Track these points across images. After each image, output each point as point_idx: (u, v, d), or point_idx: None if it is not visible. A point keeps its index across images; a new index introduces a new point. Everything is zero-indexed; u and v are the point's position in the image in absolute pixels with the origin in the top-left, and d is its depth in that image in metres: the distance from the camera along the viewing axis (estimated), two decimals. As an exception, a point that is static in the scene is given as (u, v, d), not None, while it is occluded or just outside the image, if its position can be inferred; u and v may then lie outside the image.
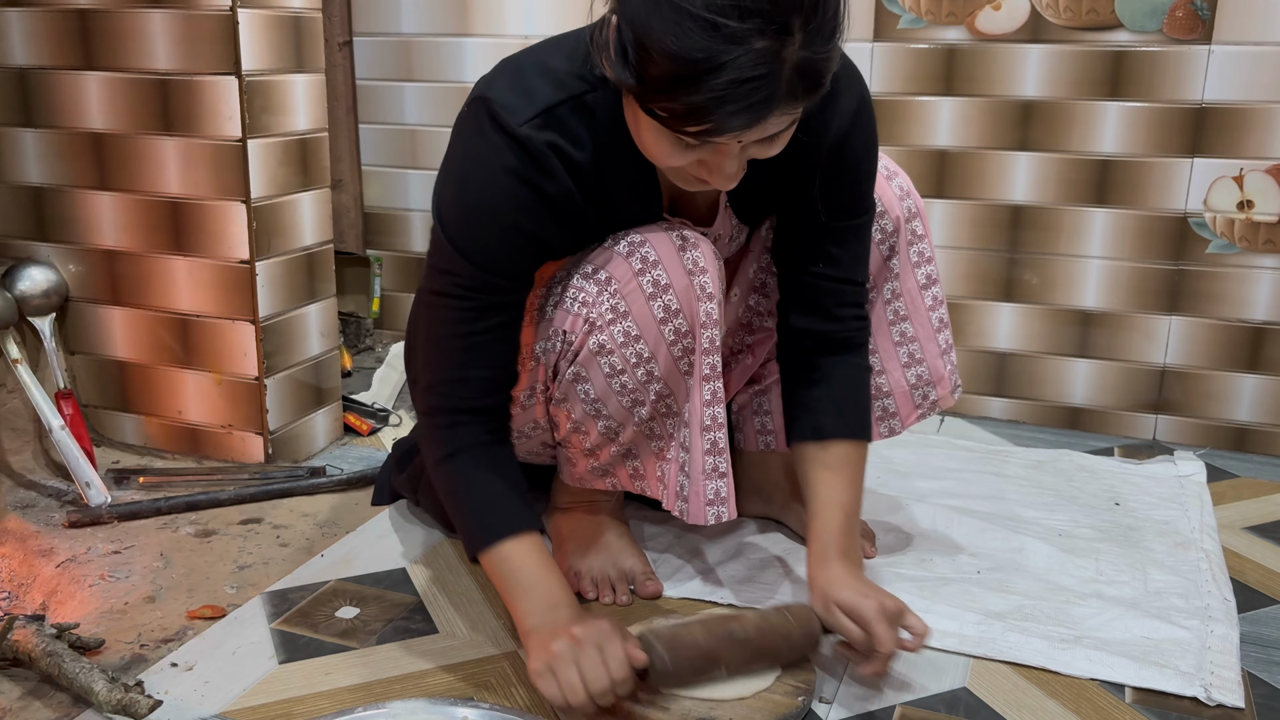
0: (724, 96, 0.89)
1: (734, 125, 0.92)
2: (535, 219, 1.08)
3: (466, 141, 1.09)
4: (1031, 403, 1.94)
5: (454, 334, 1.11)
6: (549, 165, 1.06)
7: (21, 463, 1.63)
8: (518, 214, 1.07)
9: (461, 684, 1.12)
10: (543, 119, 1.05)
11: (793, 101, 0.92)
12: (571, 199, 1.09)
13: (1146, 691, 1.12)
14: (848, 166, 1.16)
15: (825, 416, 1.21)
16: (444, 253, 1.10)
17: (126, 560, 1.38)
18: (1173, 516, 1.53)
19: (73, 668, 1.06)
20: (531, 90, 1.06)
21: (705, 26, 0.87)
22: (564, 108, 1.06)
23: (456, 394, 1.13)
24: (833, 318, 1.22)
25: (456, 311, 1.10)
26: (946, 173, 1.88)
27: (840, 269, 1.21)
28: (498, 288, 1.10)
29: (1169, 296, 1.81)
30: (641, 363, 1.14)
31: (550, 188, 1.07)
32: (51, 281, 1.68)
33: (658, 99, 0.93)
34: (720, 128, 0.92)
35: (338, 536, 1.45)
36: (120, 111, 1.59)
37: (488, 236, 1.08)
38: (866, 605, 1.08)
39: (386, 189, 2.24)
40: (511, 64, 1.10)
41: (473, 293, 1.09)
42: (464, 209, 1.08)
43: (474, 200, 1.07)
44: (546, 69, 1.08)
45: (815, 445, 1.21)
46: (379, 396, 1.95)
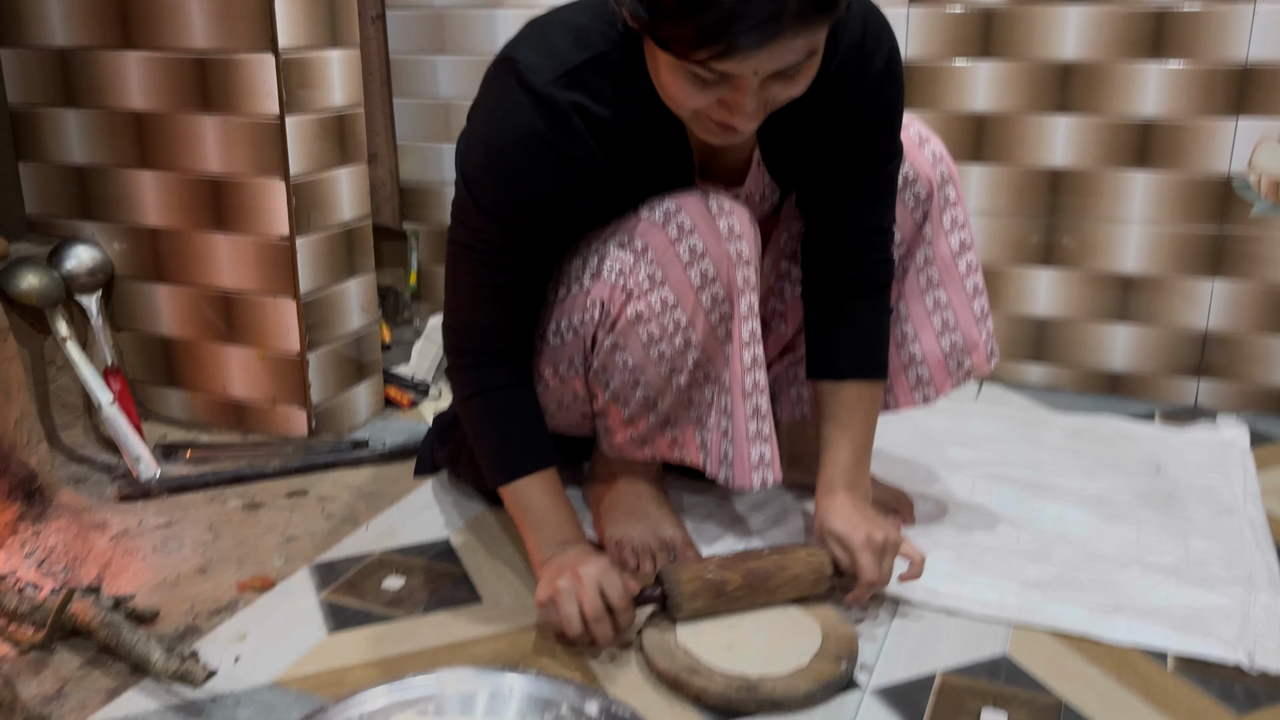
0: (732, 13, 0.89)
1: (745, 44, 0.91)
2: (557, 182, 1.09)
3: (492, 101, 1.09)
4: (1070, 369, 1.92)
5: (474, 284, 1.16)
6: (572, 126, 1.06)
7: (72, 438, 1.67)
8: (540, 177, 1.08)
9: (507, 652, 1.14)
10: (568, 78, 1.06)
11: (803, 23, 0.92)
12: (594, 161, 1.09)
13: (1189, 659, 1.12)
14: (882, 115, 1.17)
15: (842, 358, 1.25)
16: (466, 208, 1.12)
17: (177, 533, 1.41)
18: (1215, 483, 1.52)
19: (130, 638, 1.09)
20: (557, 50, 1.07)
21: None
22: (589, 66, 1.06)
23: (478, 337, 1.19)
24: (859, 264, 1.25)
25: (477, 264, 1.15)
26: (984, 137, 1.86)
27: (869, 218, 1.23)
28: (518, 245, 1.13)
29: (1211, 260, 1.79)
30: (679, 330, 1.15)
31: (573, 149, 1.07)
32: (97, 260, 1.70)
33: (669, 26, 0.93)
34: (732, 47, 0.91)
35: (382, 508, 1.47)
36: (160, 90, 1.61)
37: (510, 197, 1.09)
38: (855, 535, 1.15)
39: (421, 162, 2.25)
40: (538, 24, 1.11)
41: (493, 250, 1.13)
42: (487, 170, 1.09)
43: (497, 161, 1.08)
44: (572, 28, 1.08)
45: (831, 384, 1.26)
46: (418, 369, 1.97)
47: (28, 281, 1.59)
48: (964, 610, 1.20)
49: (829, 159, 1.20)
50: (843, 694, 1.07)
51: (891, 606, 1.22)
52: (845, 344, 1.26)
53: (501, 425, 1.20)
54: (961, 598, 1.22)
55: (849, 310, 1.26)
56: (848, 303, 1.26)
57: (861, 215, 1.23)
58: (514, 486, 1.19)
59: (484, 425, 1.21)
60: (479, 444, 1.23)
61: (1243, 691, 1.07)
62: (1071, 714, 1.04)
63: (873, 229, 1.24)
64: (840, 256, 1.25)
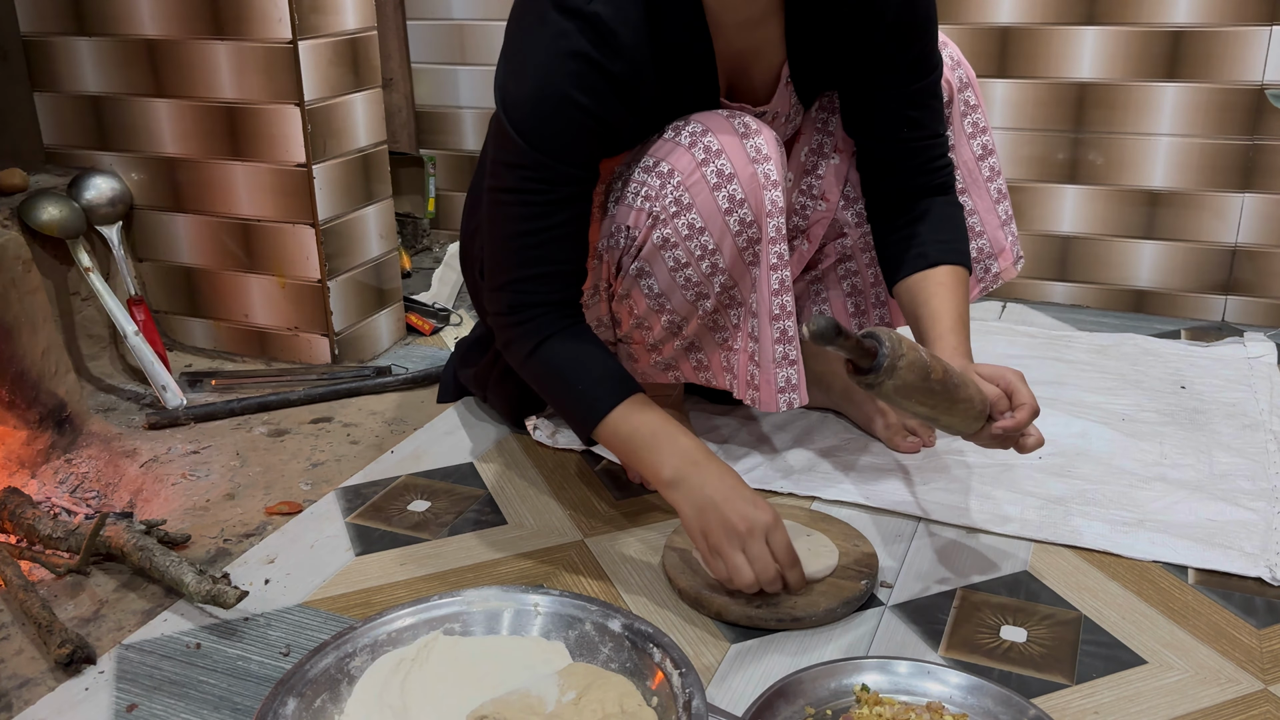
0: None
1: None
2: (602, 101, 1.06)
3: (526, 29, 1.07)
4: (1096, 286, 1.90)
5: (526, 231, 1.11)
6: (615, 42, 1.04)
7: (100, 368, 1.69)
8: (585, 97, 1.05)
9: (532, 572, 1.15)
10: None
11: None
12: (638, 77, 1.07)
13: (1209, 573, 1.12)
14: (918, 25, 1.15)
15: (929, 246, 1.21)
16: (512, 146, 1.08)
17: (205, 460, 1.43)
18: (1241, 398, 1.51)
19: (163, 561, 1.11)
20: None
21: None
22: None
23: (533, 290, 1.13)
24: (923, 171, 1.23)
25: (527, 208, 1.10)
26: (1009, 51, 1.81)
27: (923, 129, 1.21)
28: (569, 177, 1.09)
29: (1242, 173, 1.75)
30: (706, 255, 1.14)
31: (617, 66, 1.05)
32: (116, 190, 1.70)
33: None
34: None
35: (406, 434, 1.49)
36: (171, 16, 1.59)
37: (556, 123, 1.06)
38: (1007, 373, 1.07)
39: (437, 87, 2.22)
40: None
41: (544, 184, 1.08)
42: (531, 99, 1.06)
43: (540, 89, 1.05)
44: None
45: (920, 275, 1.20)
46: (439, 296, 1.98)
47: (49, 213, 1.59)
48: (985, 527, 1.21)
49: (865, 74, 1.18)
50: (863, 610, 1.08)
51: (912, 524, 1.23)
52: (929, 233, 1.22)
53: (571, 370, 1.13)
54: (983, 514, 1.23)
55: (922, 207, 1.23)
56: (918, 203, 1.24)
57: (915, 126, 1.21)
58: (606, 424, 1.10)
59: (555, 376, 1.14)
60: (560, 392, 1.14)
61: (1263, 605, 1.07)
62: (1091, 628, 1.05)
63: (928, 136, 1.22)
64: (903, 170, 1.23)
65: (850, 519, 1.23)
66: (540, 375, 1.15)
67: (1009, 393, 1.06)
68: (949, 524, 1.22)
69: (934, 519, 1.23)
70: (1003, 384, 1.06)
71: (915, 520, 1.24)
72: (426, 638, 0.98)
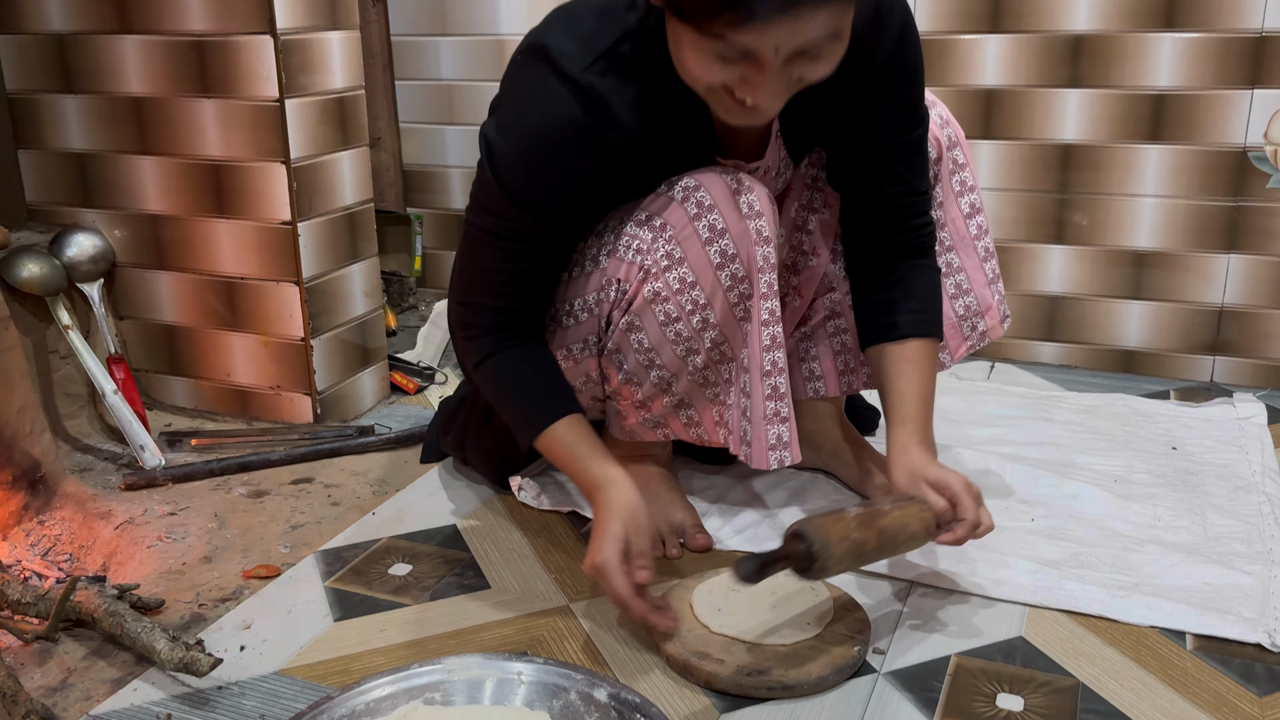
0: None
1: (765, 10, 0.90)
2: (592, 169, 1.08)
3: (524, 89, 1.07)
4: (1084, 346, 1.90)
5: (492, 269, 1.14)
6: (611, 115, 1.05)
7: (77, 427, 1.66)
8: (576, 164, 1.07)
9: (515, 639, 1.12)
10: (604, 62, 1.05)
11: None
12: (630, 147, 1.08)
13: (1208, 638, 1.10)
14: (902, 83, 1.16)
15: (900, 316, 1.22)
16: (493, 195, 1.10)
17: (182, 521, 1.40)
18: (1232, 460, 1.50)
19: (135, 627, 1.08)
20: (588, 33, 1.06)
21: None
22: (626, 46, 1.05)
23: (489, 315, 1.18)
24: (903, 229, 1.23)
25: (498, 250, 1.13)
26: (994, 112, 1.83)
27: (907, 185, 1.22)
28: (544, 233, 1.11)
29: (1227, 234, 1.76)
30: (697, 309, 1.13)
31: (610, 137, 1.07)
32: (98, 247, 1.69)
33: (688, 3, 0.92)
34: (751, 13, 0.90)
35: (388, 495, 1.46)
36: (158, 74, 1.59)
37: (543, 186, 1.08)
38: (954, 480, 1.11)
39: (425, 146, 2.23)
40: (564, 10, 1.10)
41: (518, 236, 1.11)
42: (521, 158, 1.07)
43: (532, 150, 1.07)
44: (596, 9, 1.07)
45: (891, 345, 1.22)
46: (424, 355, 1.96)
47: (29, 270, 1.57)
48: (978, 591, 1.19)
49: (854, 128, 1.19)
50: (856, 678, 1.05)
51: (905, 589, 1.20)
52: (900, 303, 1.23)
53: (522, 380, 1.18)
54: (976, 578, 1.21)
55: (899, 271, 1.24)
56: (897, 265, 1.25)
57: (899, 182, 1.21)
58: (546, 435, 1.15)
59: (504, 383, 1.19)
60: (502, 404, 1.21)
61: (1264, 672, 1.05)
62: (1090, 696, 1.02)
63: (911, 193, 1.23)
64: (884, 225, 1.24)
65: (842, 582, 1.21)
66: (488, 383, 1.21)
67: (953, 504, 1.10)
68: (942, 588, 1.20)
69: (926, 583, 1.21)
70: (948, 494, 1.11)
71: (908, 584, 1.21)
72: (406, 708, 0.95)
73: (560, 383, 1.19)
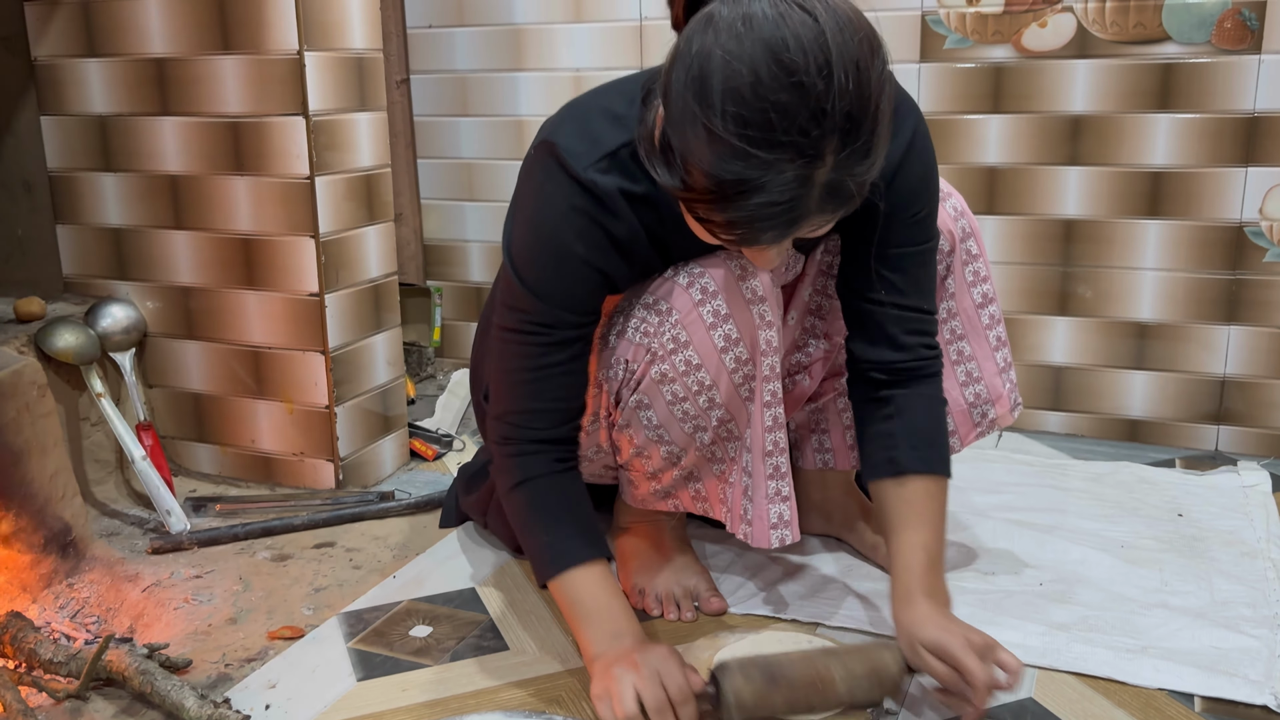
0: (754, 215, 0.93)
1: (765, 239, 0.96)
2: (603, 255, 1.11)
3: (535, 185, 1.12)
4: (1090, 416, 1.93)
5: (524, 367, 1.15)
6: (616, 207, 1.09)
7: (105, 493, 1.70)
8: (587, 250, 1.10)
9: (533, 700, 1.15)
10: (607, 162, 1.08)
11: (824, 215, 0.96)
12: (638, 238, 1.12)
13: (1216, 700, 1.12)
14: (903, 198, 1.15)
15: (901, 452, 1.18)
16: (515, 292, 1.13)
17: (208, 584, 1.43)
18: (1238, 526, 1.52)
19: (164, 685, 1.11)
20: (596, 135, 1.09)
21: (737, 154, 0.90)
22: (626, 150, 1.08)
23: (527, 424, 1.17)
24: (900, 346, 1.20)
25: (527, 347, 1.14)
26: (997, 189, 1.89)
27: (904, 296, 1.18)
28: (566, 322, 1.13)
29: (1227, 306, 1.81)
30: (703, 390, 1.17)
31: (618, 229, 1.11)
32: (131, 318, 1.75)
33: (696, 205, 0.97)
34: (752, 239, 0.97)
35: (408, 558, 1.49)
36: (194, 154, 1.67)
37: (558, 273, 1.11)
38: (953, 642, 1.05)
39: (445, 221, 2.30)
40: (577, 108, 1.14)
41: (543, 328, 1.13)
42: (534, 248, 1.12)
43: (544, 239, 1.11)
44: (609, 113, 1.11)
45: (893, 482, 1.18)
46: (442, 422, 2.00)
47: (64, 340, 1.63)
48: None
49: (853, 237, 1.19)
50: (869, 737, 1.07)
51: (916, 651, 1.22)
52: (903, 437, 1.19)
53: (548, 516, 1.17)
54: (986, 641, 1.22)
55: (902, 401, 1.20)
56: (899, 394, 1.21)
57: (897, 292, 1.18)
58: (562, 580, 1.14)
59: (531, 516, 1.18)
60: (527, 535, 1.19)
61: (1271, 732, 1.07)
62: (1099, 756, 1.04)
63: (909, 308, 1.19)
64: (880, 339, 1.20)
65: (854, 645, 1.23)
66: (516, 511, 1.19)
67: (956, 668, 1.04)
68: (953, 650, 1.22)
69: (937, 645, 1.22)
70: (950, 661, 1.05)
71: (919, 647, 1.23)
72: (429, 764, 0.97)
73: (583, 524, 1.17)
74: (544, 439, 1.17)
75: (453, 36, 2.17)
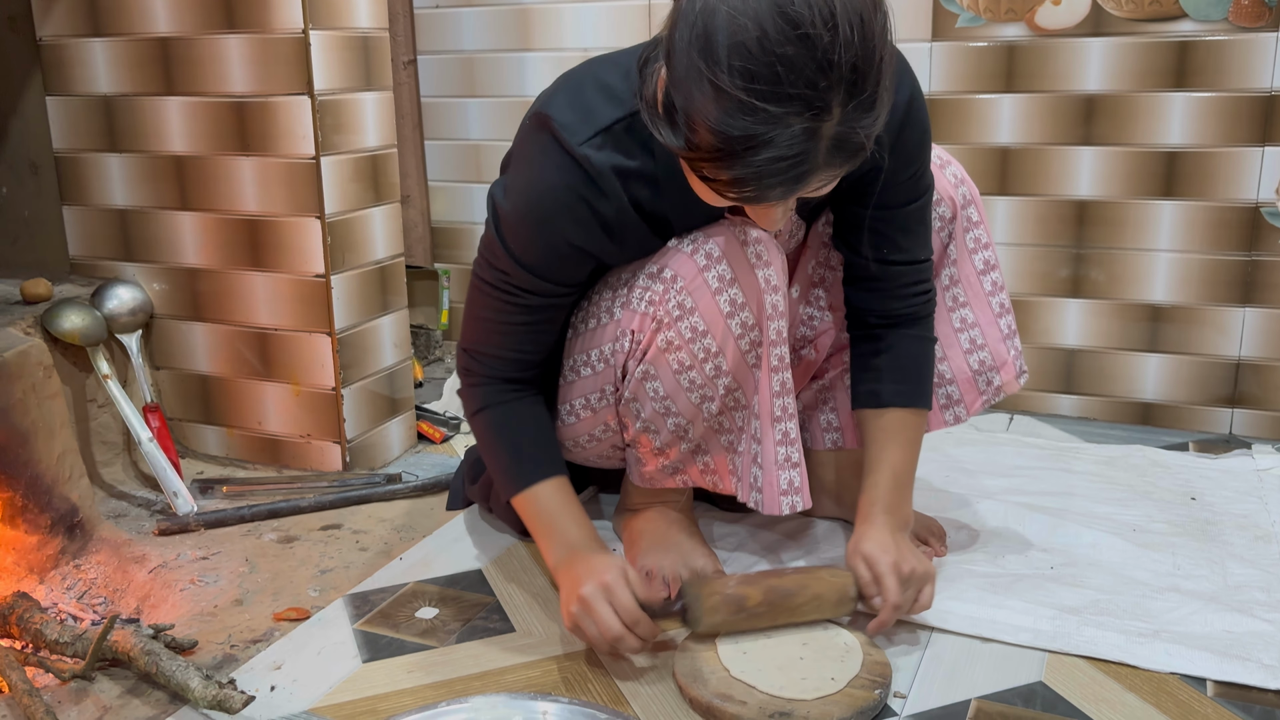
0: (761, 171, 0.92)
1: (772, 196, 0.95)
2: (589, 235, 1.12)
3: (529, 153, 1.12)
4: (1102, 399, 1.92)
5: (495, 320, 1.20)
6: (607, 186, 1.09)
7: (112, 474, 1.70)
8: (574, 229, 1.11)
9: (539, 680, 1.14)
10: (601, 138, 1.08)
11: (831, 169, 0.95)
12: (626, 216, 1.12)
13: (1228, 685, 1.11)
14: (903, 160, 1.17)
15: (884, 385, 1.26)
16: (497, 252, 1.15)
17: (214, 566, 1.43)
18: (1252, 510, 1.51)
19: (169, 666, 1.11)
20: (590, 108, 1.09)
21: (744, 108, 0.89)
22: (621, 125, 1.09)
23: (489, 364, 1.23)
24: (898, 297, 1.26)
25: (501, 303, 1.18)
26: (1009, 170, 1.87)
27: (904, 252, 1.24)
28: (544, 290, 1.16)
29: (1242, 288, 1.78)
30: (709, 357, 1.16)
31: (606, 208, 1.11)
32: (138, 300, 1.74)
33: (702, 164, 0.95)
34: (760, 197, 0.96)
35: (415, 540, 1.49)
36: (200, 134, 1.66)
37: (541, 246, 1.12)
38: (883, 559, 1.15)
39: (452, 203, 2.29)
40: (571, 80, 1.13)
41: (521, 291, 1.16)
42: (521, 218, 1.12)
43: (532, 211, 1.11)
44: (604, 86, 1.10)
45: (873, 412, 1.26)
46: (449, 405, 1.99)
47: (71, 321, 1.62)
48: (998, 636, 1.20)
49: (855, 196, 1.21)
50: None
51: (925, 634, 1.22)
52: (887, 372, 1.26)
53: (510, 437, 1.24)
54: (996, 624, 1.22)
55: (891, 339, 1.27)
56: (889, 332, 1.27)
57: (897, 249, 1.23)
58: (524, 496, 1.22)
59: (494, 438, 1.24)
60: (490, 458, 1.26)
61: (1284, 717, 1.06)
62: (1109, 740, 1.03)
63: (909, 262, 1.25)
64: (880, 290, 1.26)
65: (863, 628, 1.22)
66: (480, 434, 1.26)
67: (877, 581, 1.15)
68: (962, 634, 1.21)
69: (946, 628, 1.22)
70: (874, 571, 1.16)
71: (928, 630, 1.22)
72: (433, 745, 0.97)
73: (543, 442, 1.24)
74: (507, 377, 1.23)
75: (459, 16, 2.16)
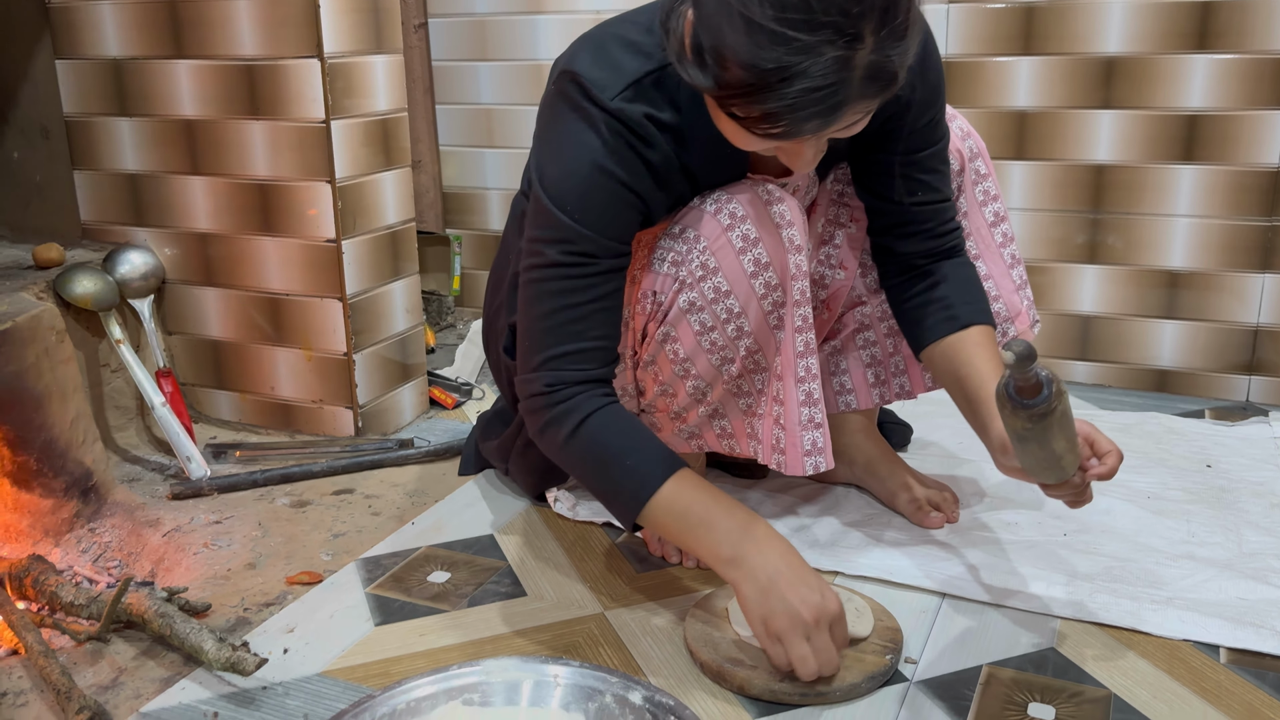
0: (795, 104, 0.90)
1: (807, 129, 0.94)
2: (641, 181, 1.10)
3: (561, 115, 1.10)
4: (1118, 366, 1.90)
5: (565, 305, 1.10)
6: (647, 134, 1.08)
7: (126, 439, 1.71)
8: (628, 175, 1.09)
9: (551, 644, 1.14)
10: (632, 91, 1.07)
11: (865, 100, 0.93)
12: (671, 163, 1.11)
13: (1242, 652, 1.10)
14: (924, 102, 1.17)
15: (957, 308, 1.24)
16: (553, 222, 1.09)
17: (227, 530, 1.44)
18: (1268, 478, 1.49)
19: (183, 628, 1.11)
20: (617, 63, 1.08)
21: (776, 39, 0.88)
22: (649, 79, 1.08)
23: (573, 366, 1.12)
24: (936, 235, 1.26)
25: (570, 280, 1.10)
26: (1026, 134, 1.84)
27: (934, 192, 1.24)
28: (609, 250, 1.10)
29: (1261, 253, 1.76)
30: (732, 318, 1.15)
31: (653, 156, 1.09)
32: (149, 264, 1.74)
33: (735, 102, 0.94)
34: (794, 131, 0.94)
35: (427, 505, 1.49)
36: (209, 97, 1.65)
37: (598, 196, 1.08)
38: (1081, 423, 1.08)
39: (464, 168, 2.27)
40: (591, 39, 1.12)
41: (587, 258, 1.09)
42: (573, 176, 1.09)
43: (581, 164, 1.08)
44: (627, 42, 1.09)
45: (955, 337, 1.23)
46: (462, 371, 1.99)
47: (83, 286, 1.62)
48: (1011, 603, 1.19)
49: (878, 145, 1.21)
50: (888, 686, 1.06)
51: (937, 599, 1.21)
52: (956, 295, 1.25)
53: (624, 444, 1.10)
54: (1008, 590, 1.21)
55: (945, 270, 1.26)
56: (940, 265, 1.27)
57: (926, 190, 1.24)
58: (656, 501, 1.08)
59: (604, 451, 1.10)
60: (606, 472, 1.11)
61: (1298, 684, 1.05)
62: (1122, 707, 1.03)
63: (938, 200, 1.25)
64: (916, 234, 1.26)
65: (875, 593, 1.22)
66: (584, 454, 1.12)
67: (1089, 441, 1.08)
68: (974, 599, 1.21)
69: (959, 594, 1.22)
70: (1081, 434, 1.08)
71: (940, 595, 1.22)
72: (445, 708, 0.97)
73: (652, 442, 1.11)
74: (592, 378, 1.12)
75: (471, -22, 2.14)
